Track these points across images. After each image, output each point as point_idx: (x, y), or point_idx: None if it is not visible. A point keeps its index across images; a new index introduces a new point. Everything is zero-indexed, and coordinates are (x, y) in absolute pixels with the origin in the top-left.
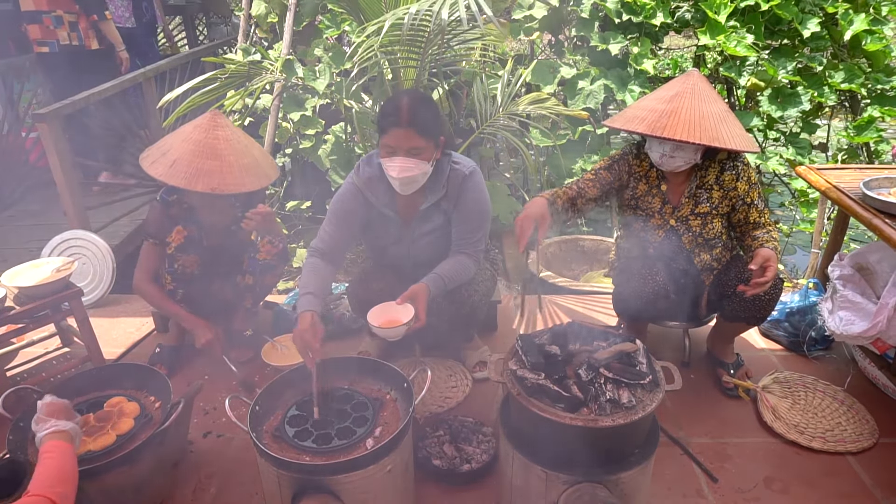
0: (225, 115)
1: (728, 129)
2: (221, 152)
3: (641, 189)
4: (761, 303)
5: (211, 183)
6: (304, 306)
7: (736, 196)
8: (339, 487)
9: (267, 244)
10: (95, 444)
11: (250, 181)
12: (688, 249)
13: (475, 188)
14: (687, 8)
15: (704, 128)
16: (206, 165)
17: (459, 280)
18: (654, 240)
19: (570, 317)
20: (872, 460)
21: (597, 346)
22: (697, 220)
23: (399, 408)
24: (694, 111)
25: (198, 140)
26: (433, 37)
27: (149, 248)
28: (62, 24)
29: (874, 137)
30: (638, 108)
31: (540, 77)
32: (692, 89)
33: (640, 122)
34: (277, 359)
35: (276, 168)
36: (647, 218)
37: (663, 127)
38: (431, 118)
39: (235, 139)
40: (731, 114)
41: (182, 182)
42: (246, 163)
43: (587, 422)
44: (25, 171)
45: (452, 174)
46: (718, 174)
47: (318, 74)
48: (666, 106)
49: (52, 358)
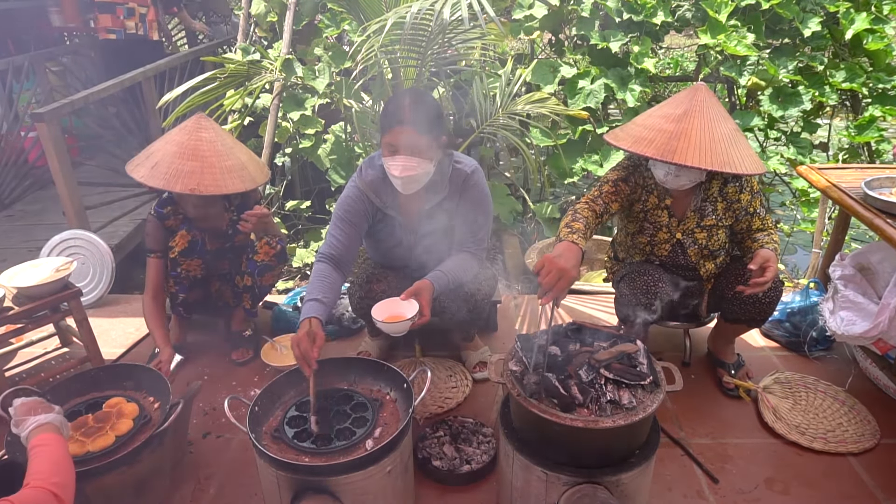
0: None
1: (738, 151)
2: (202, 153)
3: (651, 202)
4: (762, 305)
5: (189, 183)
6: (307, 312)
7: (740, 208)
8: (339, 488)
9: (265, 245)
10: (94, 444)
11: (231, 183)
12: (693, 262)
13: (477, 186)
14: (688, 7)
15: (715, 151)
16: (186, 166)
17: (463, 278)
18: (660, 253)
19: (569, 317)
20: (874, 461)
21: (597, 346)
22: (703, 232)
23: (399, 408)
24: (704, 133)
25: (180, 142)
26: (434, 36)
27: (150, 263)
28: (133, 14)
29: (875, 137)
30: (645, 126)
31: (540, 76)
32: (701, 107)
33: (648, 143)
34: (277, 359)
35: (264, 172)
36: (655, 231)
37: (673, 150)
38: (433, 117)
39: (219, 140)
40: (739, 132)
41: (161, 183)
42: (229, 164)
43: (588, 423)
44: (24, 170)
45: (454, 173)
46: (722, 186)
47: (318, 74)
48: (675, 126)
49: (50, 358)
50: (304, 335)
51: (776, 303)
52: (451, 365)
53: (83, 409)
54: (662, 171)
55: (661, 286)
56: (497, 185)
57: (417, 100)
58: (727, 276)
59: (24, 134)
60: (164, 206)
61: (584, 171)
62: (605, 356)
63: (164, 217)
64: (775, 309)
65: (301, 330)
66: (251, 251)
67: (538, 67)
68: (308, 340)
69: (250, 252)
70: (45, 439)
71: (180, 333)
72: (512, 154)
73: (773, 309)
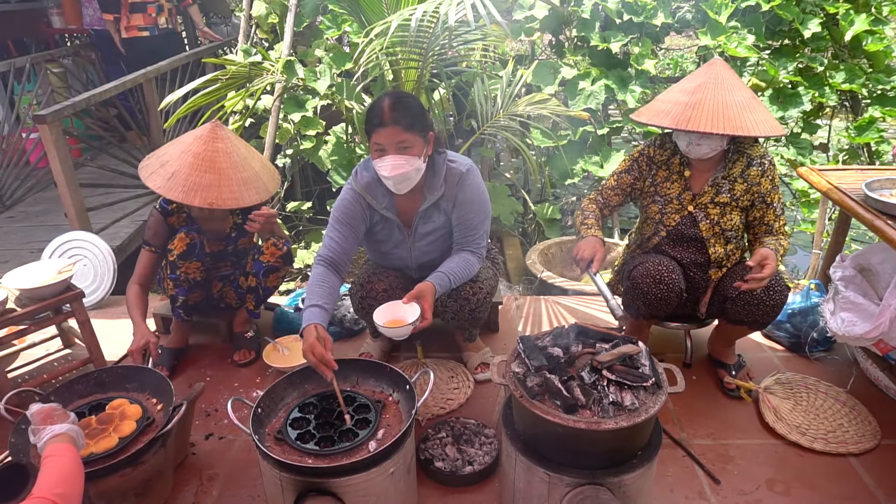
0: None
1: (752, 116)
2: (220, 165)
3: (661, 175)
4: (766, 307)
5: (208, 197)
6: (310, 319)
7: (758, 192)
8: (342, 490)
9: (271, 246)
10: (97, 446)
11: (248, 195)
12: (704, 238)
13: (473, 185)
14: (688, 8)
15: (728, 117)
16: (204, 179)
17: (465, 277)
18: (669, 224)
19: (571, 318)
20: (874, 462)
21: (599, 348)
22: (717, 209)
23: (401, 410)
24: (717, 101)
25: (196, 153)
26: (436, 38)
27: (143, 254)
28: (162, 10)
29: (875, 138)
30: (662, 101)
31: (541, 77)
32: (715, 79)
33: (664, 115)
34: (279, 360)
35: (276, 180)
36: (665, 203)
37: (687, 119)
38: (414, 113)
39: (235, 152)
40: (756, 100)
41: (179, 196)
42: (245, 176)
43: (590, 424)
44: (26, 172)
45: (449, 173)
46: (745, 167)
47: (319, 75)
48: (689, 98)
49: (53, 360)
50: (314, 341)
51: (781, 306)
52: (452, 366)
53: (86, 410)
54: (685, 141)
55: (671, 267)
56: (498, 185)
57: (397, 99)
58: (732, 276)
59: (25, 135)
60: (170, 203)
61: (584, 172)
62: (608, 358)
63: (169, 213)
64: (780, 312)
65: (310, 336)
66: (257, 252)
67: (539, 68)
68: (320, 345)
69: (256, 253)
70: (57, 449)
71: (182, 335)
72: (513, 155)
73: (778, 312)
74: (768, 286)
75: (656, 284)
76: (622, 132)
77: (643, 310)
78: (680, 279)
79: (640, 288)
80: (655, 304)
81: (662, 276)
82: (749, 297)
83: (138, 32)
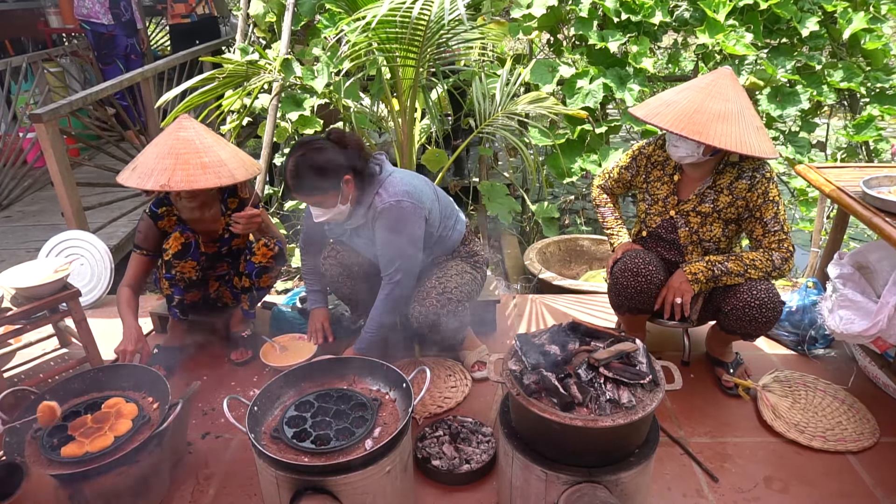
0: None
1: (724, 126)
2: (178, 151)
3: (655, 175)
4: (757, 323)
5: (160, 180)
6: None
7: (744, 207)
8: (338, 488)
9: (262, 247)
10: (93, 445)
11: (204, 179)
12: (681, 244)
13: (386, 225)
14: (686, 6)
15: (694, 121)
16: (161, 164)
17: (391, 311)
18: (651, 224)
19: (569, 316)
20: (873, 459)
21: (596, 345)
22: (698, 217)
23: (398, 408)
24: (693, 104)
25: (159, 143)
26: (431, 35)
27: (134, 258)
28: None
29: (873, 136)
30: (657, 97)
31: (539, 76)
32: (706, 86)
33: (644, 106)
34: (276, 359)
35: (248, 169)
36: (652, 203)
37: (655, 114)
38: (311, 181)
39: (198, 139)
40: (745, 115)
41: (135, 182)
42: (204, 161)
43: (587, 422)
44: (23, 171)
45: (372, 206)
46: (734, 180)
47: (317, 74)
48: (671, 96)
49: (49, 359)
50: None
51: (773, 322)
52: (450, 364)
53: (82, 409)
54: (669, 142)
55: (651, 265)
56: (496, 185)
57: (295, 168)
58: (725, 290)
59: (22, 135)
60: (159, 206)
61: (582, 171)
62: (605, 355)
63: (158, 217)
64: (773, 327)
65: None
66: (249, 252)
67: (537, 67)
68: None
69: (248, 254)
70: None
71: (179, 335)
72: (511, 154)
73: (771, 326)
74: (761, 303)
75: (634, 277)
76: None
77: (625, 304)
78: (658, 271)
79: (620, 282)
80: (636, 296)
81: (640, 269)
82: (741, 314)
83: (181, 19)
